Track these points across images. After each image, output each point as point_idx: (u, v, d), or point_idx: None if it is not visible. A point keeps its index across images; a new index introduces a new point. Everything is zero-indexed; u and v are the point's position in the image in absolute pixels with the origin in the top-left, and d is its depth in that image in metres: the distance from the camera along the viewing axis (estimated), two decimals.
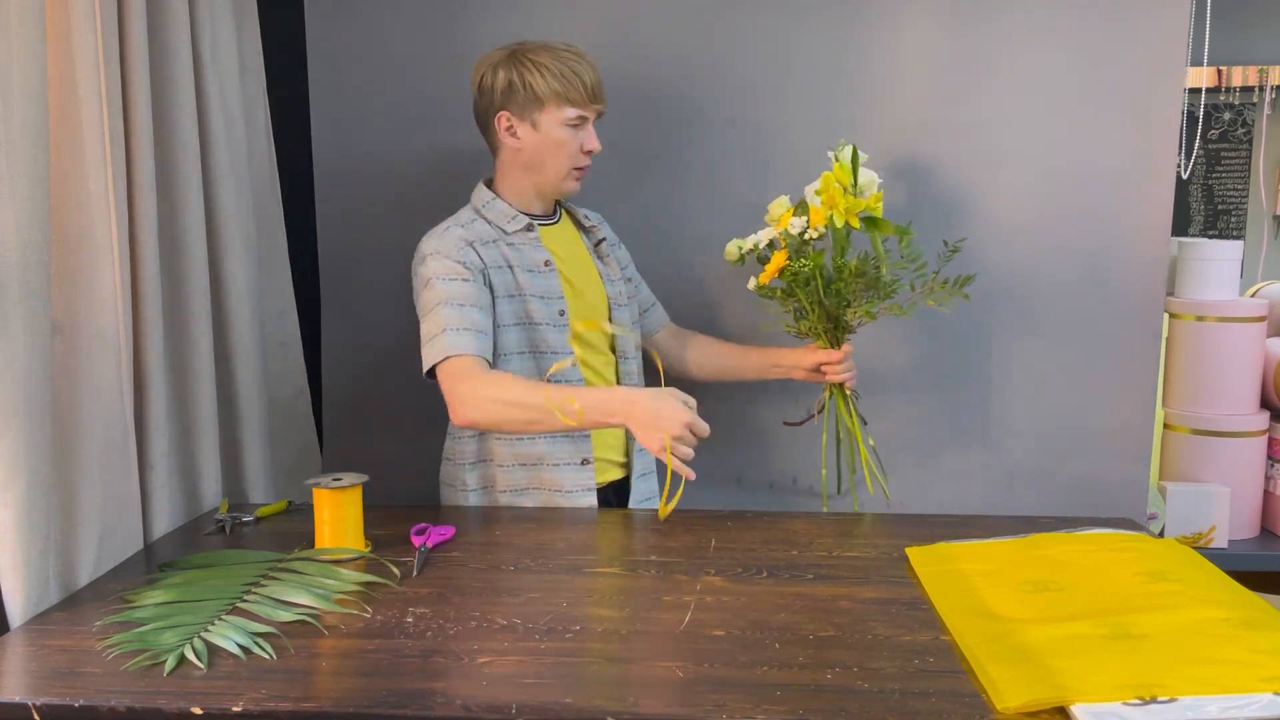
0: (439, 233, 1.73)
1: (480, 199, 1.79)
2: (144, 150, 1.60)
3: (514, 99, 1.71)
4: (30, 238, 1.31)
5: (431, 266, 1.68)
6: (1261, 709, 1.02)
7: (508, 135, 1.74)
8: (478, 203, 1.79)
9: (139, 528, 1.60)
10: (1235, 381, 2.15)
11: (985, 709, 1.07)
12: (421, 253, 1.72)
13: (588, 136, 1.75)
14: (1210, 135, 4.30)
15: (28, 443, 1.31)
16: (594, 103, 1.73)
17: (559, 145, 1.73)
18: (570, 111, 1.71)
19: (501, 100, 1.72)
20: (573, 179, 1.77)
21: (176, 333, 1.75)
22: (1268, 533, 2.19)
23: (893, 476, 2.11)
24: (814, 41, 2.03)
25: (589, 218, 1.90)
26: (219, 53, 1.83)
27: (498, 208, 1.77)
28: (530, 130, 1.72)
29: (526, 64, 1.70)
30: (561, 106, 1.70)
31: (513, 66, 1.71)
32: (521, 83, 1.70)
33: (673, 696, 1.10)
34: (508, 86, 1.71)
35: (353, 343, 2.22)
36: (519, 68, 1.70)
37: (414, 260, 1.74)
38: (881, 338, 2.07)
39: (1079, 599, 1.32)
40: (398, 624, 1.30)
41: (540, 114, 1.71)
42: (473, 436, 1.79)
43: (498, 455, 1.77)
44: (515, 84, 1.70)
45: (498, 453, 1.77)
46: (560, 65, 1.69)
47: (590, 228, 1.89)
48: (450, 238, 1.71)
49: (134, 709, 1.11)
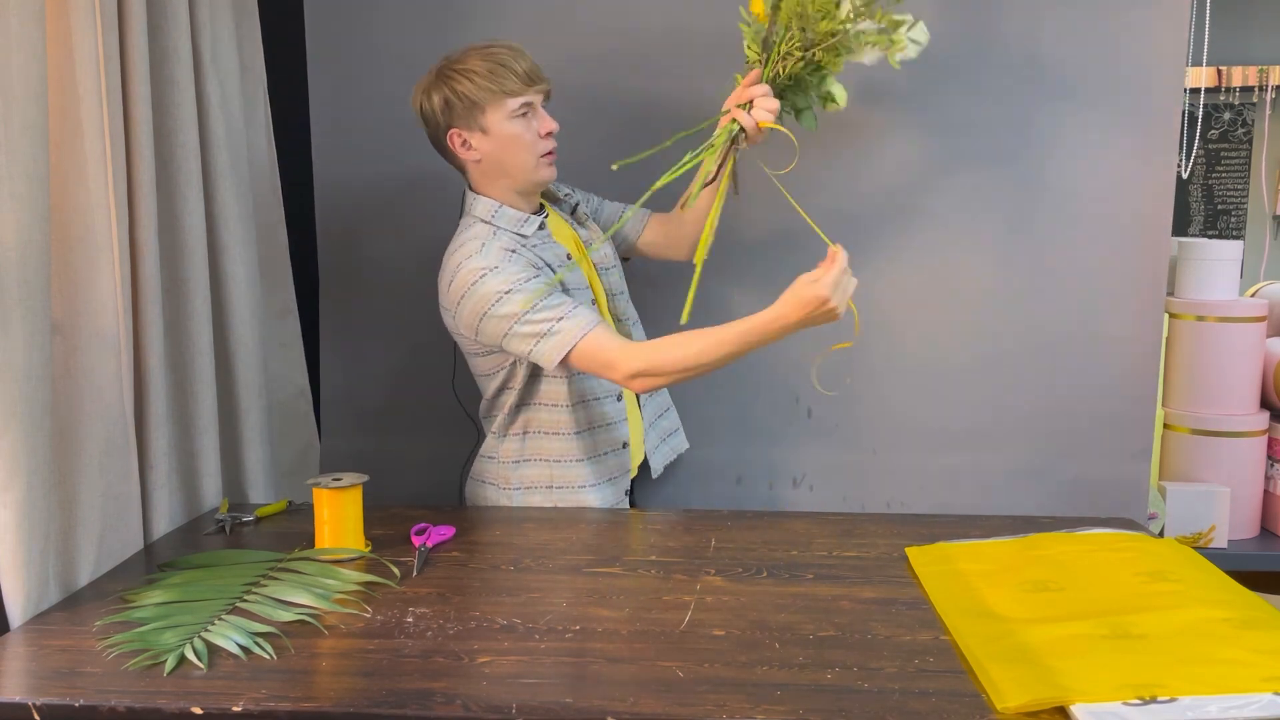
0: (475, 254, 1.68)
1: (485, 209, 1.75)
2: (144, 150, 1.60)
3: (455, 113, 1.70)
4: (30, 238, 1.31)
5: (494, 283, 1.64)
6: (1261, 709, 1.02)
7: (465, 150, 1.72)
8: (485, 214, 1.74)
9: (139, 528, 1.60)
10: (1235, 381, 2.15)
11: (985, 709, 1.07)
12: (466, 280, 1.66)
13: (541, 120, 1.73)
14: (1210, 135, 4.30)
15: (28, 443, 1.31)
16: (533, 85, 1.70)
17: (515, 139, 1.71)
18: (512, 103, 1.69)
19: (445, 120, 1.71)
20: (544, 166, 1.75)
21: (176, 333, 1.75)
22: (1268, 533, 2.19)
23: (892, 477, 2.11)
24: None
25: (561, 191, 1.90)
26: (219, 53, 1.83)
27: (508, 215, 1.74)
28: (482, 137, 1.71)
29: (453, 76, 1.69)
30: (501, 101, 1.68)
31: (443, 84, 1.70)
32: (455, 95, 1.68)
33: (673, 696, 1.10)
34: (445, 105, 1.70)
35: (352, 342, 2.22)
36: (448, 83, 1.69)
37: (454, 293, 1.68)
38: (881, 337, 2.07)
39: (1079, 599, 1.32)
40: (398, 624, 1.30)
41: (484, 117, 1.69)
42: (518, 435, 1.80)
43: (542, 451, 1.80)
44: (450, 99, 1.69)
45: (543, 449, 1.80)
46: (486, 63, 1.67)
47: (563, 199, 1.89)
48: (492, 251, 1.68)
49: (134, 709, 1.11)
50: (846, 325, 1.67)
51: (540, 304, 1.64)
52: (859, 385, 2.09)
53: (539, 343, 1.64)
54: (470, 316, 1.68)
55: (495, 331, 1.66)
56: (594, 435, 1.80)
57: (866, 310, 2.06)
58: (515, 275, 1.65)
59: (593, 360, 1.64)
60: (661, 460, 1.94)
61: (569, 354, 1.63)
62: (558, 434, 1.78)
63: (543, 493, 1.80)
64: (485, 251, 1.68)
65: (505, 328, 1.65)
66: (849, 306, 1.58)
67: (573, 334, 1.63)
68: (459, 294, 1.68)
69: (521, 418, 1.79)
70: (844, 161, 2.06)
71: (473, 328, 1.68)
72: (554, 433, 1.78)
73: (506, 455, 1.81)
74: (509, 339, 1.66)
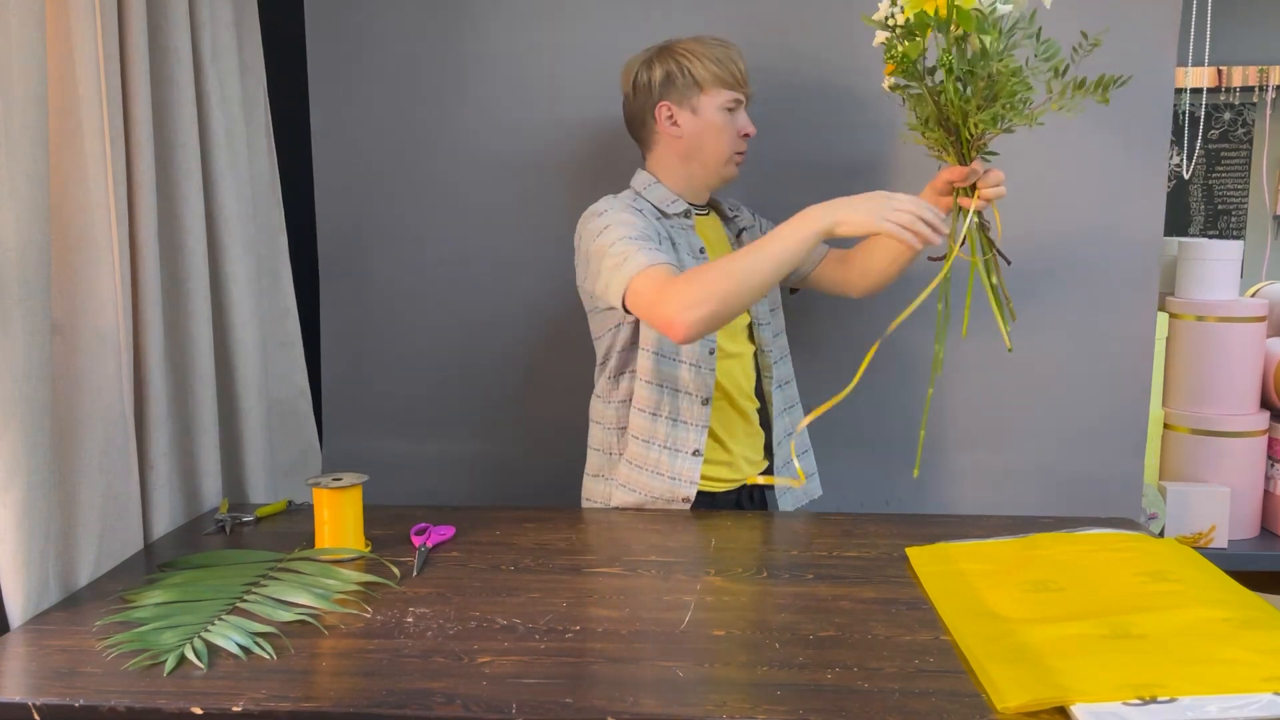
0: (601, 203, 1.73)
1: (641, 182, 1.80)
2: (144, 150, 1.60)
3: (673, 88, 1.74)
4: (30, 238, 1.31)
5: (608, 218, 1.68)
6: (1261, 709, 1.02)
7: (668, 125, 1.76)
8: (639, 186, 1.80)
9: (139, 528, 1.60)
10: (1235, 381, 2.15)
11: (985, 709, 1.07)
12: (583, 224, 1.72)
13: (743, 120, 1.77)
14: (1210, 135, 4.30)
15: (27, 443, 1.31)
16: (745, 86, 1.77)
17: (719, 129, 1.75)
18: (727, 94, 1.74)
19: (661, 92, 1.75)
20: (733, 164, 1.79)
21: (176, 333, 1.75)
22: (1268, 533, 2.19)
23: (892, 476, 2.11)
24: (813, 42, 2.03)
25: (732, 208, 1.91)
26: (219, 53, 1.83)
27: (659, 191, 1.78)
28: (691, 116, 1.74)
29: (681, 54, 1.73)
30: (720, 90, 1.73)
31: (669, 58, 1.74)
32: (680, 70, 1.73)
33: (673, 696, 1.10)
34: (665, 77, 1.74)
35: (353, 343, 2.22)
36: (675, 58, 1.74)
37: (581, 224, 1.73)
38: (880, 337, 2.07)
39: (1079, 599, 1.32)
40: (398, 624, 1.30)
41: (700, 98, 1.74)
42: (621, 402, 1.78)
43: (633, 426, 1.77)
44: (673, 73, 1.73)
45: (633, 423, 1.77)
46: (713, 51, 1.73)
47: (733, 218, 1.89)
48: (617, 204, 1.72)
49: (134, 709, 1.11)
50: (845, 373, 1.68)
51: (626, 239, 1.63)
52: (859, 386, 2.09)
53: (612, 276, 1.62)
54: (580, 259, 1.72)
55: (591, 271, 1.68)
56: (660, 423, 1.76)
57: (867, 309, 2.07)
58: (621, 218, 1.67)
59: (644, 296, 1.57)
60: (792, 501, 1.90)
61: (628, 287, 1.59)
62: (645, 411, 1.76)
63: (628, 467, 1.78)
64: (608, 201, 1.73)
65: (595, 265, 1.66)
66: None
67: (638, 264, 1.59)
68: (577, 240, 1.73)
69: (623, 387, 1.78)
70: (838, 159, 2.06)
71: (581, 272, 1.72)
72: (640, 409, 1.76)
73: (610, 422, 1.81)
74: (595, 276, 1.66)
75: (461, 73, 2.11)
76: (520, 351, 2.19)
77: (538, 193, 2.12)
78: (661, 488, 1.75)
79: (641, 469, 1.76)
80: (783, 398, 1.88)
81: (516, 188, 2.13)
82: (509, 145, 2.11)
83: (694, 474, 1.76)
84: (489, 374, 2.20)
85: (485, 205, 2.14)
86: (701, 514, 1.75)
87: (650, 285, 1.57)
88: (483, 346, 2.19)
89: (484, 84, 2.11)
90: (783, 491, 1.88)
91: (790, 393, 1.91)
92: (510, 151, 2.12)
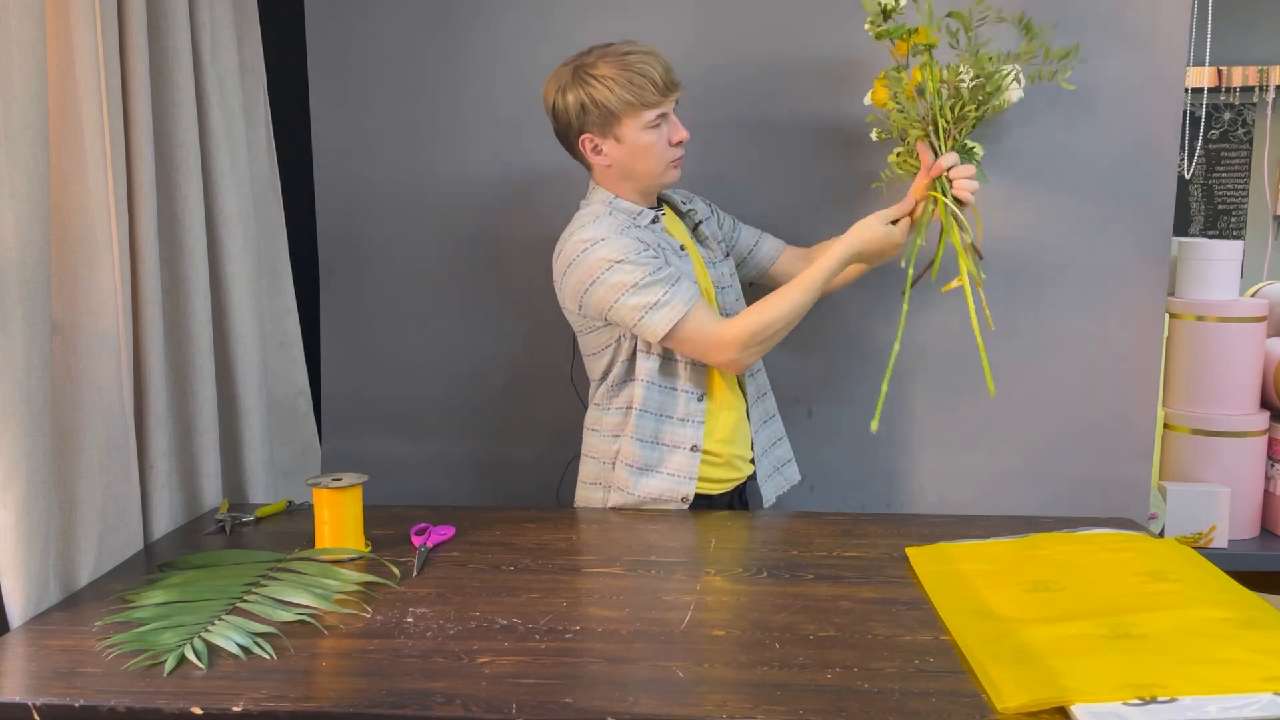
0: (587, 226, 1.70)
1: (602, 197, 1.76)
2: (144, 150, 1.60)
3: (590, 119, 1.69)
4: (30, 238, 1.31)
5: (604, 251, 1.66)
6: (1261, 709, 1.02)
7: (595, 155, 1.73)
8: (601, 202, 1.76)
9: (139, 528, 1.60)
10: (1235, 381, 2.15)
11: (985, 709, 1.07)
12: (576, 248, 1.69)
13: (673, 129, 1.73)
14: (1210, 135, 4.30)
15: (27, 442, 1.31)
16: (668, 95, 1.70)
17: (646, 149, 1.71)
18: (648, 114, 1.68)
19: (579, 124, 1.70)
20: (672, 169, 1.76)
21: (176, 333, 1.75)
22: (1268, 533, 2.19)
23: (892, 477, 2.11)
24: (810, 38, 2.03)
25: (685, 200, 1.89)
26: (219, 53, 1.83)
27: (622, 205, 1.75)
28: (615, 144, 1.71)
29: (591, 82, 1.67)
30: (638, 112, 1.68)
31: (579, 86, 1.68)
32: (592, 102, 1.67)
33: (673, 696, 1.10)
34: (580, 109, 1.69)
35: (353, 343, 2.22)
36: (585, 87, 1.67)
37: (562, 263, 1.71)
38: (878, 337, 2.07)
39: (1079, 599, 1.32)
40: (398, 624, 1.30)
41: (620, 127, 1.69)
42: (621, 410, 1.78)
43: (637, 430, 1.78)
44: (586, 105, 1.68)
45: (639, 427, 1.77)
46: (624, 73, 1.66)
47: (687, 212, 1.88)
48: (604, 224, 1.70)
49: (134, 709, 1.11)
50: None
51: (650, 275, 1.65)
52: (859, 386, 2.09)
53: (646, 314, 1.65)
54: (576, 286, 1.69)
55: (602, 302, 1.67)
56: (660, 422, 1.77)
57: (865, 309, 2.07)
58: (626, 246, 1.66)
59: (694, 338, 1.66)
60: (774, 490, 1.90)
61: (674, 329, 1.65)
62: (647, 412, 1.76)
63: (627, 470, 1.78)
64: (597, 224, 1.70)
65: (613, 298, 1.66)
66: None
67: (679, 308, 1.65)
68: (566, 264, 1.70)
69: (625, 393, 1.78)
70: (838, 162, 2.06)
71: (577, 298, 1.70)
72: (641, 410, 1.76)
73: (607, 429, 1.80)
74: (615, 309, 1.67)
75: (461, 73, 2.11)
76: (520, 352, 2.19)
77: (537, 193, 2.12)
78: (661, 487, 1.75)
79: (641, 470, 1.76)
80: (755, 386, 1.88)
81: (516, 188, 2.13)
82: (509, 145, 2.11)
83: (692, 470, 1.76)
84: (489, 374, 2.20)
85: (485, 205, 2.14)
86: (701, 514, 1.75)
87: (698, 330, 1.67)
88: (483, 346, 2.19)
89: (484, 84, 2.11)
90: (765, 479, 1.88)
91: (761, 381, 1.91)
92: (510, 151, 2.12)
